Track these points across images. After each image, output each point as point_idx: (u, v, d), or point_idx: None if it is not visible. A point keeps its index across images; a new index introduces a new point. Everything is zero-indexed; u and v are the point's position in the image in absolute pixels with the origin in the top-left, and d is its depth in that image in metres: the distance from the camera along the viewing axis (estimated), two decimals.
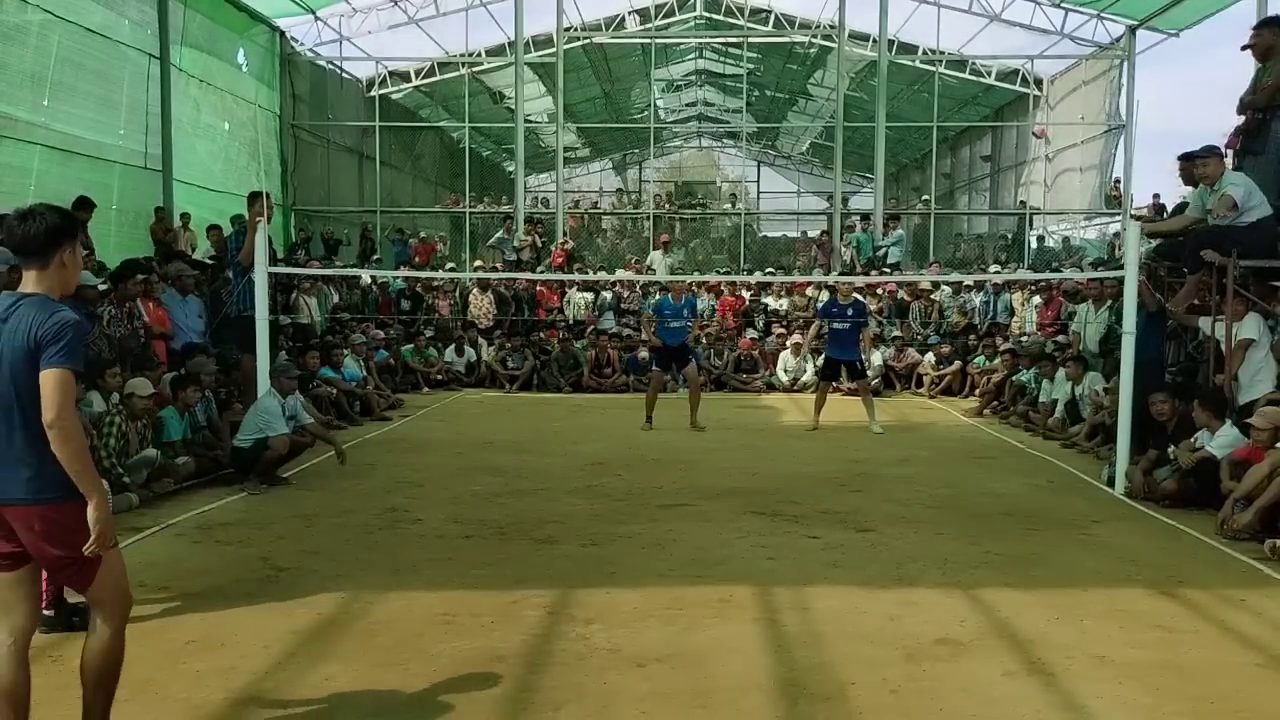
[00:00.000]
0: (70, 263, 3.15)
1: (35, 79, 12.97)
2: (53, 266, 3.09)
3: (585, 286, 16.81)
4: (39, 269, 3.07)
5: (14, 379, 2.97)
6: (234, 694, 3.78)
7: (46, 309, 3.01)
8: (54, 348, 2.94)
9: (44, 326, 2.95)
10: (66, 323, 2.99)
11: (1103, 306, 10.60)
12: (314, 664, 4.08)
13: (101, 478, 6.47)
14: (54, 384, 2.94)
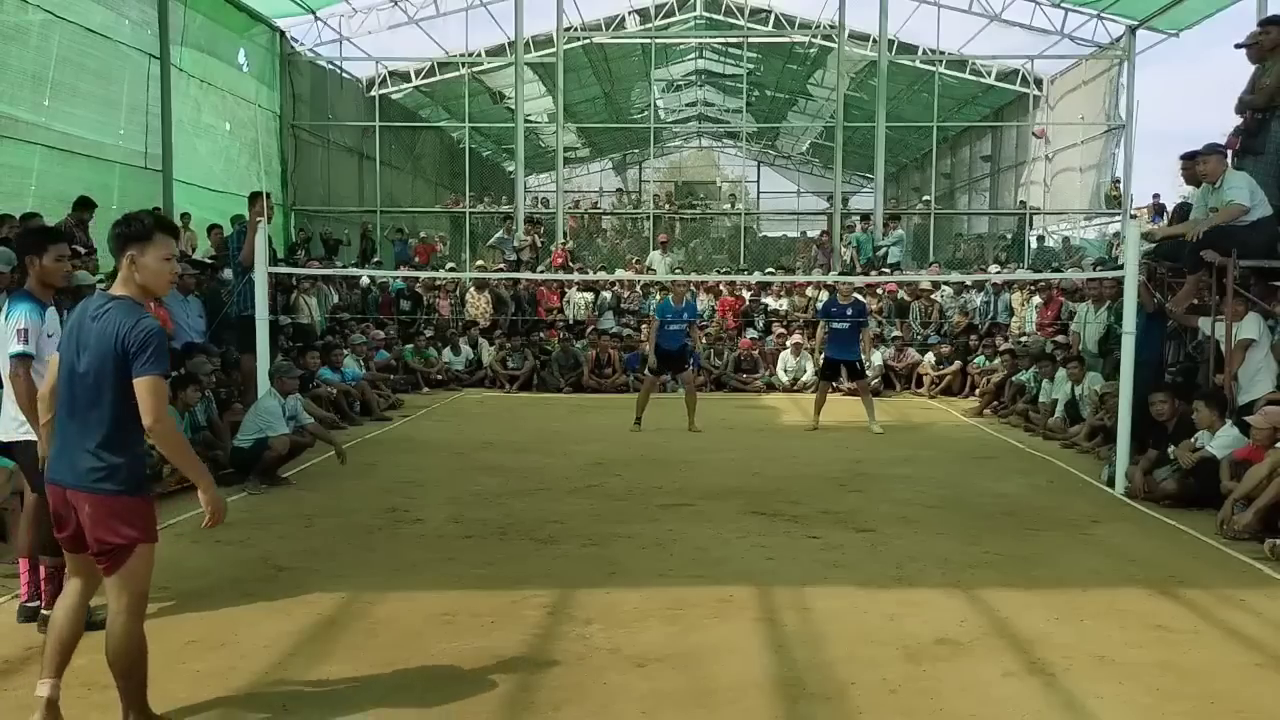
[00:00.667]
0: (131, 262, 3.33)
1: (36, 79, 12.96)
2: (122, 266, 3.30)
3: (585, 286, 16.81)
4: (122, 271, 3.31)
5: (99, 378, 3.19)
6: (234, 694, 3.79)
7: (134, 314, 3.22)
8: (142, 356, 3.16)
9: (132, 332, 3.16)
10: (151, 330, 3.20)
11: (1102, 307, 10.60)
12: (314, 664, 4.08)
13: None
14: (152, 390, 3.18)
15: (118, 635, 3.31)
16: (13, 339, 4.25)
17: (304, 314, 13.31)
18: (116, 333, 3.16)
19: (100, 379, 3.19)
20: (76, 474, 3.23)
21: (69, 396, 3.27)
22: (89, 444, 3.22)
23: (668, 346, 10.99)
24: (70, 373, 3.25)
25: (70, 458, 3.25)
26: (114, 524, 3.23)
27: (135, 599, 3.33)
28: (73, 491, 3.25)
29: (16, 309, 4.32)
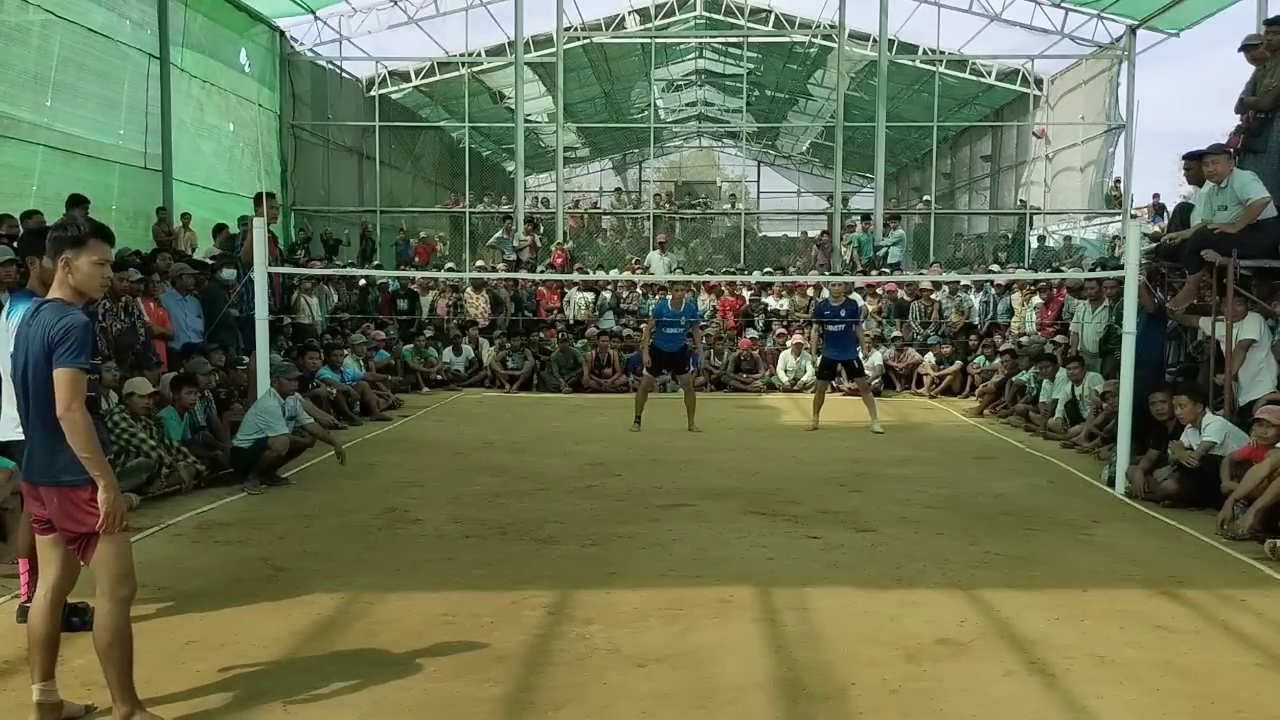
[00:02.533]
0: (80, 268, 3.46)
1: (37, 79, 12.97)
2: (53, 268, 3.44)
3: (585, 286, 16.81)
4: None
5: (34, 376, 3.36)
6: (234, 694, 3.78)
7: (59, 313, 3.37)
8: (61, 348, 3.29)
9: (54, 329, 3.31)
10: (73, 325, 3.33)
11: (1100, 306, 10.61)
12: (314, 664, 4.08)
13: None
14: (63, 381, 3.29)
15: (98, 619, 3.44)
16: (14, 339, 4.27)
17: (304, 314, 13.30)
18: (45, 332, 3.32)
19: (42, 377, 3.34)
20: (42, 470, 3.40)
21: (24, 397, 3.42)
22: (48, 440, 3.37)
23: (665, 348, 10.98)
24: (22, 375, 3.41)
25: (35, 456, 3.42)
26: (76, 513, 3.37)
27: (112, 583, 3.42)
28: (43, 488, 3.42)
29: (18, 308, 4.34)
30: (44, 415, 3.36)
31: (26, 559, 4.59)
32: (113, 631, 3.43)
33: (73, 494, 3.38)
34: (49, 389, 3.32)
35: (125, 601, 3.46)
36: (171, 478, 7.27)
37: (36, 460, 3.43)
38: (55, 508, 3.41)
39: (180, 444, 7.70)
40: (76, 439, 3.30)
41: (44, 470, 3.40)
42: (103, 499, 3.34)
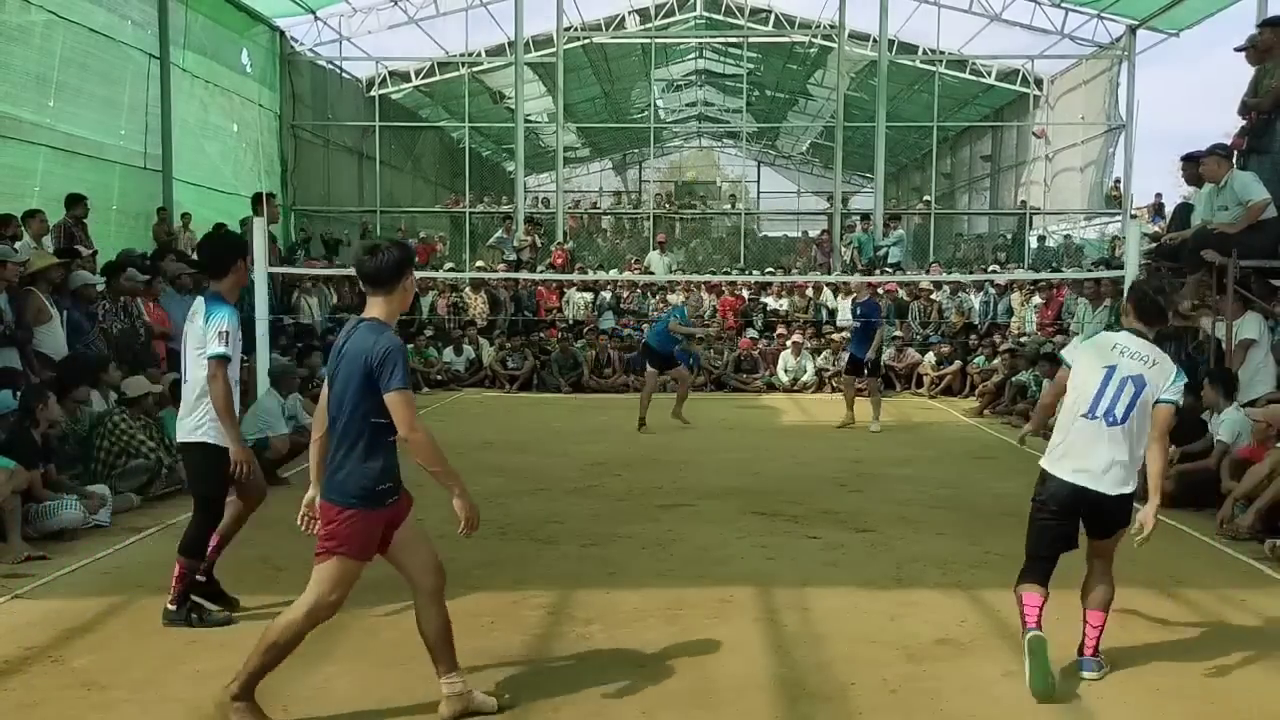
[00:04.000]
0: (410, 288, 3.55)
1: (40, 80, 12.96)
2: (396, 293, 3.49)
3: (585, 286, 16.81)
4: (381, 295, 3.46)
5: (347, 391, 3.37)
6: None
7: (376, 333, 3.38)
8: (386, 372, 3.30)
9: (374, 351, 3.32)
10: (392, 348, 3.35)
11: (1100, 306, 10.60)
12: (314, 664, 4.08)
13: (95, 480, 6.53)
14: (400, 404, 3.32)
15: (285, 618, 3.45)
16: (214, 340, 4.30)
17: (304, 314, 13.30)
18: (365, 354, 3.32)
19: (354, 396, 3.36)
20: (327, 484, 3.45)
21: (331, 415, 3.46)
22: (340, 458, 3.39)
23: (666, 349, 11.11)
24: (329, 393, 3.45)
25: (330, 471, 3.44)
26: (328, 528, 3.42)
27: (318, 601, 3.44)
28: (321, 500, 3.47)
29: (218, 312, 4.35)
30: (345, 430, 3.37)
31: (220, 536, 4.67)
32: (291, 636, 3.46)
33: (326, 509, 3.41)
34: (357, 408, 3.34)
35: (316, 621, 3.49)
36: (171, 478, 7.27)
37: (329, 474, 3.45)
38: (328, 527, 3.44)
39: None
40: (425, 454, 3.35)
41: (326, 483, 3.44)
42: (460, 505, 3.45)
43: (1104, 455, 3.91)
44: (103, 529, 6.23)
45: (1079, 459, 3.94)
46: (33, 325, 7.49)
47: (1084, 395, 3.99)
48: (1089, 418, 3.96)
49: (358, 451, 3.36)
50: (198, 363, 4.35)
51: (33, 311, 7.52)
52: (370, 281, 3.47)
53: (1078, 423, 3.98)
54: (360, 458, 3.36)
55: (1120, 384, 3.93)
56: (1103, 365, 3.99)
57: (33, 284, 7.66)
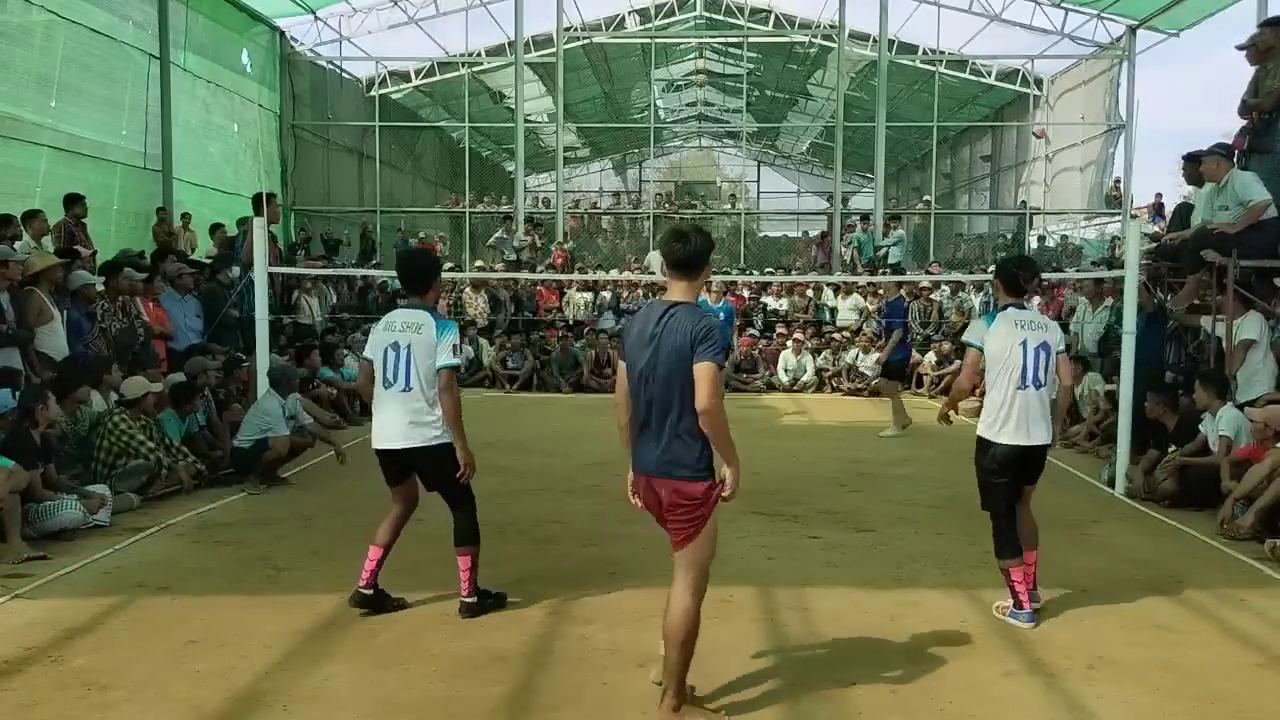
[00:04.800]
0: (708, 273, 3.74)
1: (41, 80, 12.97)
2: (700, 277, 3.65)
3: (585, 286, 16.82)
4: (688, 280, 3.62)
5: (673, 374, 3.47)
6: (234, 694, 3.78)
7: (697, 314, 3.54)
8: (704, 345, 3.45)
9: (696, 328, 3.47)
10: (714, 325, 3.56)
11: (1100, 306, 10.60)
12: (314, 664, 4.08)
13: (94, 480, 6.53)
14: (709, 375, 3.43)
15: (676, 608, 3.55)
16: (447, 352, 4.57)
17: (304, 314, 13.30)
18: (688, 331, 3.45)
19: (680, 374, 3.47)
20: (658, 463, 3.56)
21: (644, 395, 3.56)
22: (666, 435, 3.51)
23: None
24: (648, 374, 3.53)
25: (655, 450, 3.55)
26: (692, 508, 3.54)
27: (698, 578, 3.58)
28: (658, 480, 3.59)
29: (448, 327, 4.64)
30: (683, 409, 3.47)
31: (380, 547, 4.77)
32: (694, 621, 3.56)
33: (682, 486, 3.52)
34: (684, 387, 3.45)
35: (703, 594, 3.61)
36: (171, 478, 7.27)
37: (651, 452, 3.56)
38: (665, 501, 3.58)
39: (180, 444, 7.69)
40: (715, 426, 3.44)
41: (658, 461, 3.54)
42: (731, 480, 3.55)
43: (1035, 415, 4.63)
44: (103, 529, 6.23)
45: (1020, 424, 4.62)
46: (34, 325, 7.49)
47: (1015, 370, 4.64)
48: (1023, 388, 4.62)
49: (693, 426, 3.49)
50: (429, 373, 4.57)
51: (34, 311, 7.51)
52: (680, 267, 3.61)
53: (1015, 395, 4.63)
54: (698, 432, 3.49)
55: (1035, 353, 4.64)
56: (1018, 342, 4.65)
57: (34, 284, 7.66)
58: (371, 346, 4.70)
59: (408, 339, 4.59)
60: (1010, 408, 4.61)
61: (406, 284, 4.83)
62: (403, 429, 4.60)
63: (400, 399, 4.59)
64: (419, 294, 4.74)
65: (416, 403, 4.59)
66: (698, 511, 3.54)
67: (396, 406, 4.60)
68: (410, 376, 4.57)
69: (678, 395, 3.48)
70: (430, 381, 4.58)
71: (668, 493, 3.56)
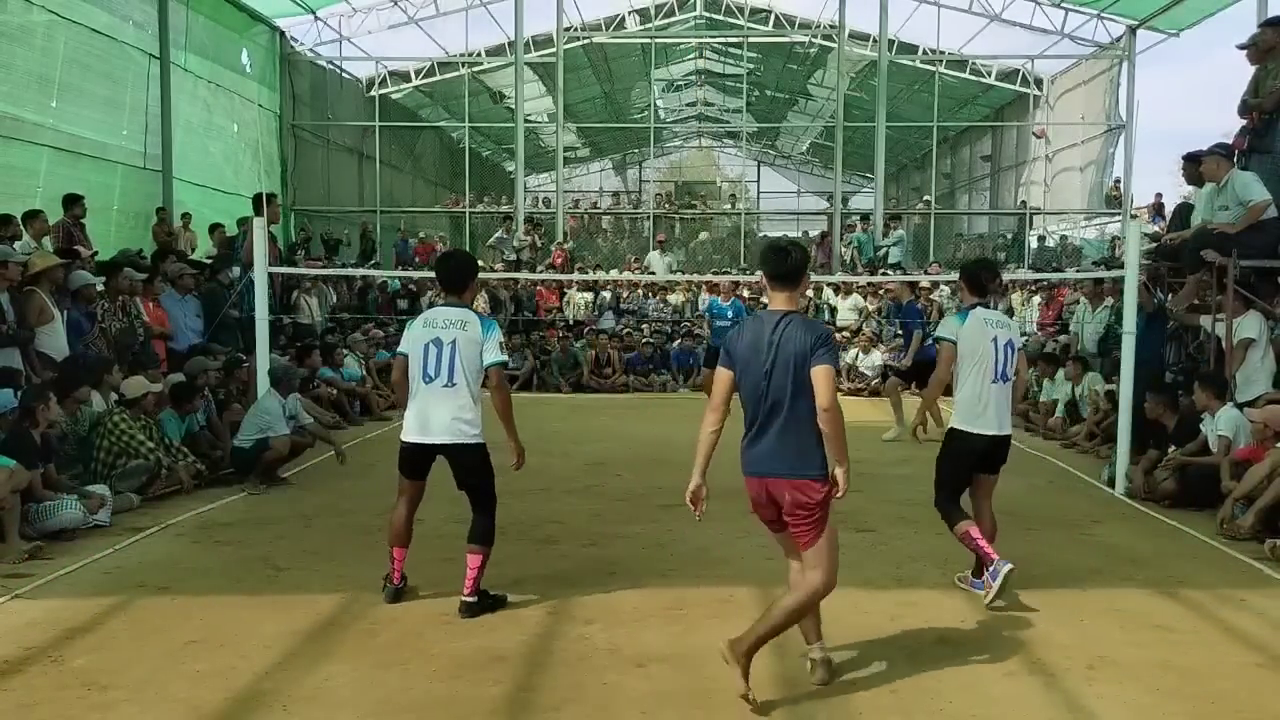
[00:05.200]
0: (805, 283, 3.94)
1: (42, 80, 12.97)
2: (800, 289, 3.87)
3: (585, 286, 16.81)
4: (790, 291, 3.83)
5: (793, 379, 3.67)
6: (234, 694, 3.79)
7: (811, 323, 3.83)
8: (823, 350, 3.68)
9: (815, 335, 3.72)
10: (829, 333, 3.83)
11: (1100, 306, 10.60)
12: (314, 664, 4.08)
13: (94, 480, 6.52)
14: (828, 377, 3.65)
15: (808, 583, 3.75)
16: (495, 349, 4.69)
17: (304, 314, 13.30)
18: (804, 337, 3.68)
19: (800, 378, 3.67)
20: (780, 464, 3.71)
21: (763, 400, 3.72)
22: (788, 437, 3.68)
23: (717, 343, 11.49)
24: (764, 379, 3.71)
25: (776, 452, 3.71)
26: (809, 505, 3.69)
27: (831, 567, 3.75)
28: (775, 480, 3.72)
29: (493, 326, 4.76)
30: (793, 414, 3.66)
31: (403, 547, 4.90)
32: (814, 600, 3.78)
33: (804, 485, 3.67)
34: (804, 391, 3.64)
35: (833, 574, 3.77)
36: (171, 478, 7.27)
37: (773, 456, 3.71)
38: (787, 501, 3.71)
39: (180, 444, 7.69)
40: (835, 426, 3.63)
41: (789, 465, 3.69)
42: (842, 479, 3.71)
43: (1004, 407, 4.97)
44: (103, 529, 6.23)
45: (993, 415, 4.91)
46: (35, 325, 7.49)
47: (989, 365, 4.91)
48: (996, 382, 4.92)
49: (811, 430, 3.67)
50: (475, 370, 4.65)
51: (35, 312, 7.51)
52: (780, 279, 3.82)
53: (989, 388, 4.91)
54: (815, 436, 3.68)
55: (1005, 349, 4.93)
56: (990, 339, 4.91)
57: (34, 284, 7.66)
58: (409, 341, 4.73)
59: (452, 335, 4.64)
60: (987, 401, 4.92)
61: (444, 284, 4.90)
62: (446, 424, 4.65)
63: (444, 394, 4.64)
64: (457, 293, 4.80)
65: (461, 399, 4.65)
66: (817, 514, 3.71)
67: (440, 401, 4.65)
68: (455, 372, 4.63)
69: (799, 399, 3.66)
70: (475, 378, 4.67)
71: (792, 494, 3.69)
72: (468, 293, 4.87)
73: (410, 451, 4.80)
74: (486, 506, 4.82)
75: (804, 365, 3.65)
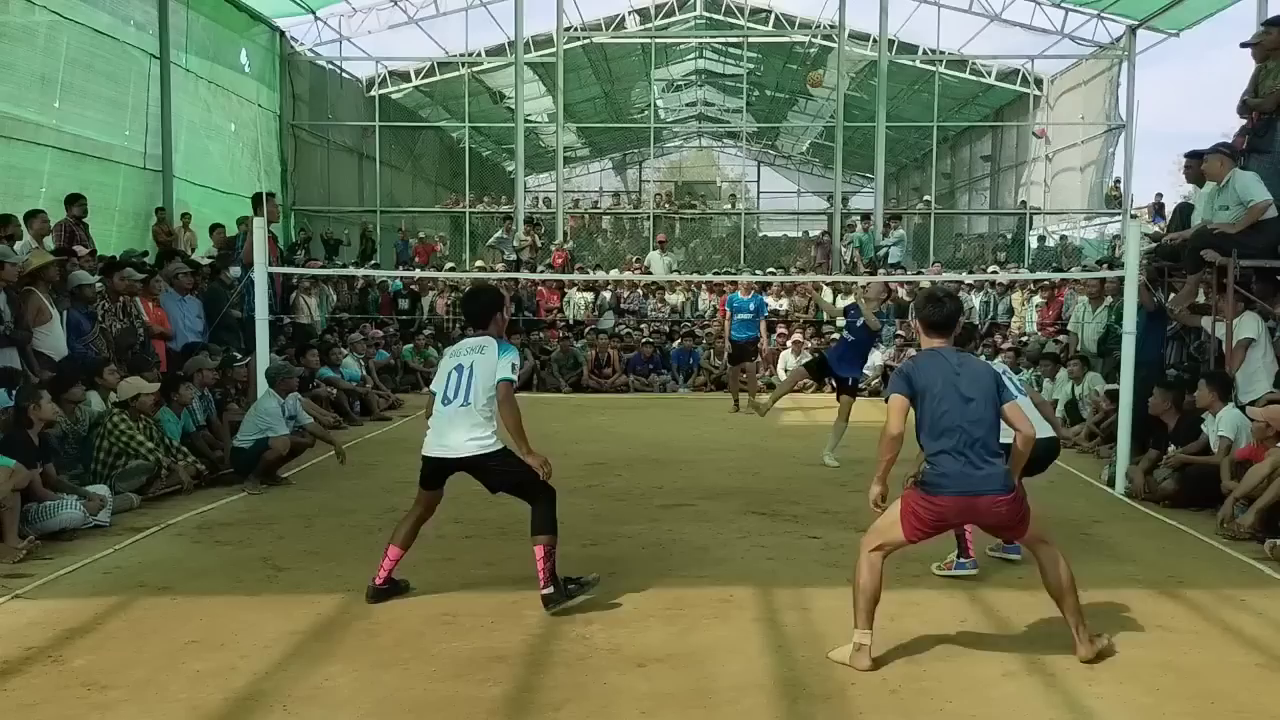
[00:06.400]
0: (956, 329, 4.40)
1: (45, 81, 12.98)
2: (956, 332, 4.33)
3: (585, 286, 16.82)
4: (945, 337, 4.27)
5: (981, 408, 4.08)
6: (234, 694, 3.78)
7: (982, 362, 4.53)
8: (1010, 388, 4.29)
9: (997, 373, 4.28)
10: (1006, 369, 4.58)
11: (1100, 306, 10.60)
12: (314, 664, 4.08)
13: (94, 480, 6.51)
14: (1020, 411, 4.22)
15: (1058, 566, 4.14)
16: (504, 368, 4.94)
17: (304, 314, 13.30)
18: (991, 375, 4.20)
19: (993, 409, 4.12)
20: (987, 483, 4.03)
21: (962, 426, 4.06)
22: (990, 456, 4.06)
23: (741, 336, 12.26)
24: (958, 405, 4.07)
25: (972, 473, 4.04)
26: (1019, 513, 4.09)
27: (1048, 541, 4.21)
28: (985, 498, 4.05)
29: (508, 350, 5.02)
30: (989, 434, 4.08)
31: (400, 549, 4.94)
32: (1066, 566, 4.16)
33: (1009, 499, 4.05)
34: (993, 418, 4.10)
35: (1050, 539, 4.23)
36: (171, 478, 7.27)
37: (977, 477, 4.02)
38: (999, 513, 4.07)
39: (180, 444, 7.69)
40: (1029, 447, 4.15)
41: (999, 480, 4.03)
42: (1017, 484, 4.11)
43: None
44: (103, 529, 6.23)
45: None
46: (33, 325, 7.48)
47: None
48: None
49: (998, 447, 4.09)
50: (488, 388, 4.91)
51: (33, 311, 7.51)
52: (936, 328, 4.28)
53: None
54: (1002, 453, 4.09)
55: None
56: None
57: (32, 283, 7.65)
58: (436, 378, 5.04)
59: (471, 359, 4.93)
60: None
61: (469, 320, 5.21)
62: (462, 441, 4.84)
63: (460, 413, 4.86)
64: (481, 328, 5.07)
65: (474, 416, 4.86)
66: (1020, 510, 4.09)
67: (455, 420, 4.87)
68: (470, 393, 4.88)
69: (988, 424, 4.08)
70: (489, 397, 4.89)
71: (999, 509, 4.05)
72: (492, 325, 5.09)
73: (428, 465, 4.95)
74: (535, 497, 4.95)
75: (991, 395, 4.10)
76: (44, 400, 6.33)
